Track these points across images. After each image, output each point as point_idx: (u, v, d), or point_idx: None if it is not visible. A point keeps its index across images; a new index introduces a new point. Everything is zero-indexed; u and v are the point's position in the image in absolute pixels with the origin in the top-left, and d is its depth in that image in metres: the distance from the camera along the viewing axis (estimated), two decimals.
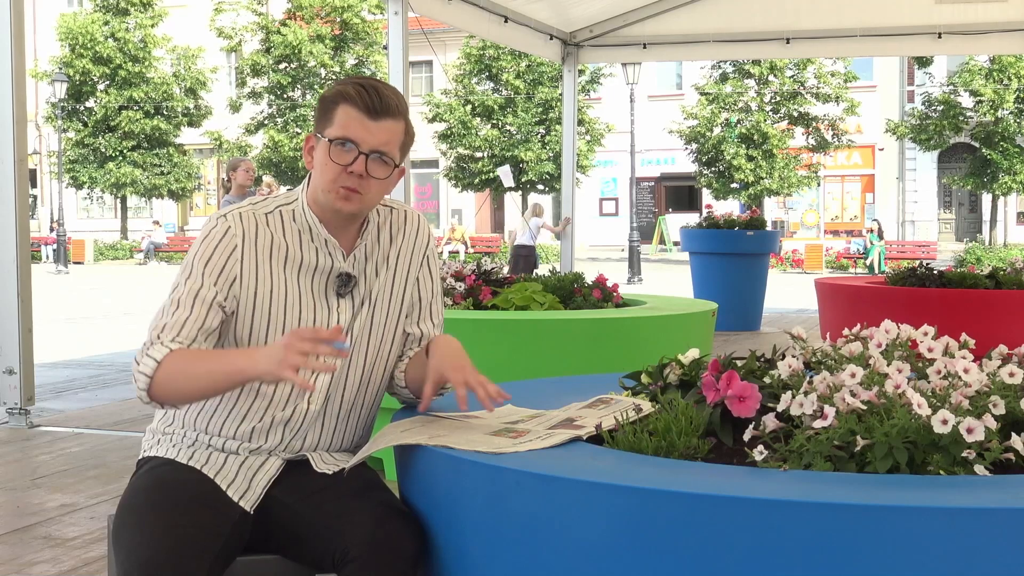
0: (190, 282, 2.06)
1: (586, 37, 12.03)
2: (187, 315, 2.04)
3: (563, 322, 4.45)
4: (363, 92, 2.03)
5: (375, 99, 2.03)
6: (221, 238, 2.09)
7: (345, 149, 2.03)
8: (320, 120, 2.08)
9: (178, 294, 2.06)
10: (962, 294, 6.98)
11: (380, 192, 2.10)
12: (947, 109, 30.40)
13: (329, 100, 2.07)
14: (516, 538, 1.68)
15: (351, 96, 2.03)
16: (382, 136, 2.04)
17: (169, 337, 2.02)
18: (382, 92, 2.04)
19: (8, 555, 3.65)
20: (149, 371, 2.00)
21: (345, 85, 2.06)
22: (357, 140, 2.03)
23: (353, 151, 2.03)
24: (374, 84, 2.05)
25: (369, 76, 2.10)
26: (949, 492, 1.50)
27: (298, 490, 2.10)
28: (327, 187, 2.06)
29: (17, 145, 5.81)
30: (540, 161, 31.30)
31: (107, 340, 11.17)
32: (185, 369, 2.00)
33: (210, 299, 2.05)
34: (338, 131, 2.04)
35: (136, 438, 5.16)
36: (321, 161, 2.06)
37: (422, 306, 2.27)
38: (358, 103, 2.03)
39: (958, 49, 14.77)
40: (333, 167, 2.04)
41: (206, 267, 2.07)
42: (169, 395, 2.02)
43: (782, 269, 26.86)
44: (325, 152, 2.05)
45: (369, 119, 2.03)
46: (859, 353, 1.94)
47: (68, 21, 34.44)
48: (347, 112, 2.03)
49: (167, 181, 35.04)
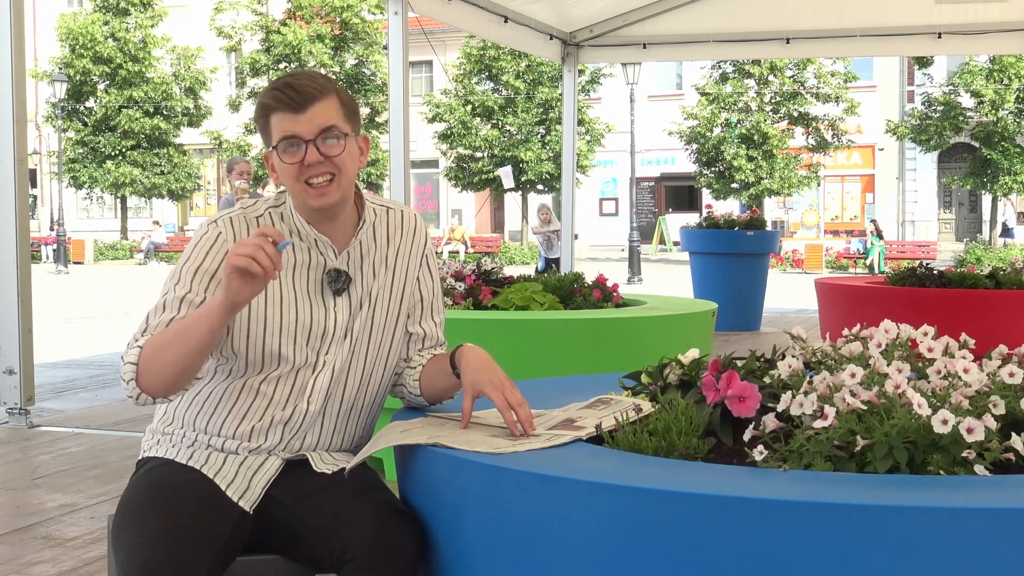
0: (178, 287, 2.07)
1: (586, 37, 12.03)
2: (172, 315, 2.05)
3: (563, 322, 4.45)
4: (279, 95, 2.05)
5: (292, 94, 2.04)
6: (212, 244, 2.09)
7: (291, 148, 2.05)
8: (264, 136, 2.11)
9: (165, 298, 2.07)
10: (962, 294, 6.98)
11: (352, 168, 2.10)
12: (947, 109, 30.41)
13: (260, 116, 2.09)
14: (516, 538, 1.68)
15: (271, 104, 2.06)
16: (317, 119, 2.05)
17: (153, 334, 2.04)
18: (296, 85, 2.05)
19: (8, 555, 3.65)
20: (134, 359, 2.00)
21: (264, 96, 2.08)
22: (296, 135, 2.04)
23: (298, 145, 2.04)
24: (287, 81, 2.07)
25: (285, 75, 2.10)
26: (949, 492, 1.50)
27: (298, 490, 2.10)
28: (297, 189, 2.08)
29: (17, 145, 5.81)
30: (540, 161, 31.30)
31: (107, 340, 11.17)
32: (162, 339, 1.99)
33: (197, 302, 2.05)
34: (278, 137, 2.06)
35: (136, 438, 5.16)
36: (279, 169, 2.08)
37: (423, 306, 2.27)
38: (279, 107, 2.05)
39: (958, 49, 14.78)
40: (290, 168, 2.06)
41: (195, 273, 2.07)
42: (154, 377, 1.98)
43: (782, 269, 26.86)
44: (278, 160, 2.07)
45: (297, 114, 2.04)
46: (859, 353, 1.93)
47: (68, 21, 34.44)
48: (277, 118, 2.05)
49: (167, 181, 35.05)
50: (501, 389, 2.00)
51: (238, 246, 1.88)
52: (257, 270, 1.86)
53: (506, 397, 1.98)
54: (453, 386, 2.14)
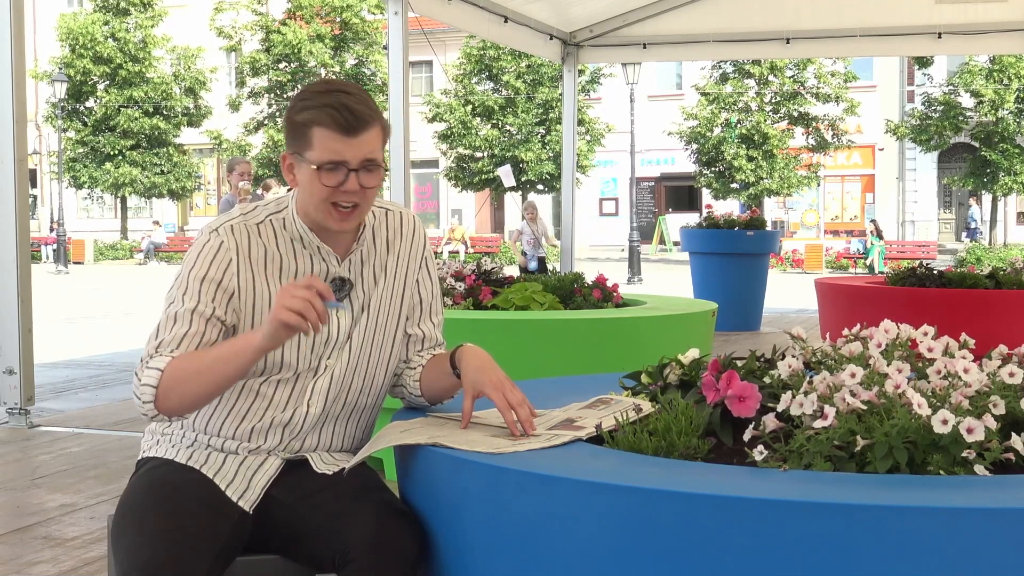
0: (187, 298, 2.05)
1: (586, 37, 12.03)
2: (186, 329, 2.03)
3: (563, 322, 4.45)
4: (335, 113, 1.98)
5: (349, 117, 1.99)
6: (215, 253, 2.07)
7: (333, 171, 2.01)
8: (295, 141, 2.03)
9: (175, 309, 2.05)
10: (962, 294, 6.98)
11: (374, 195, 2.09)
12: (947, 109, 30.40)
13: (302, 124, 2.01)
14: (516, 538, 1.68)
15: (324, 121, 1.99)
16: (364, 148, 2.01)
17: (168, 350, 2.02)
18: (353, 108, 1.99)
19: (8, 555, 3.65)
20: (154, 381, 1.98)
21: (314, 108, 2.00)
22: (342, 160, 2.00)
23: (342, 171, 2.01)
24: (343, 101, 1.99)
25: (334, 86, 2.03)
26: (949, 492, 1.50)
27: (298, 490, 2.10)
28: (321, 208, 2.04)
29: (17, 145, 5.81)
30: (540, 161, 31.29)
31: (107, 340, 11.17)
32: (190, 366, 1.98)
33: (208, 314, 2.04)
34: (321, 155, 2.00)
35: (136, 438, 5.16)
36: (308, 182, 2.03)
37: (423, 307, 2.27)
38: (332, 126, 1.99)
39: (958, 49, 14.78)
40: (324, 189, 2.02)
41: (203, 283, 2.05)
42: (177, 401, 2.00)
43: (782, 269, 26.86)
44: (312, 175, 2.02)
45: (348, 137, 1.99)
46: (859, 353, 1.93)
47: (68, 21, 34.43)
48: (324, 135, 1.99)
49: (167, 181, 35.04)
50: (501, 389, 1.99)
51: (288, 298, 1.87)
52: (305, 328, 1.88)
53: (506, 397, 1.98)
54: (453, 386, 2.14)
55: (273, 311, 1.89)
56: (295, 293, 1.87)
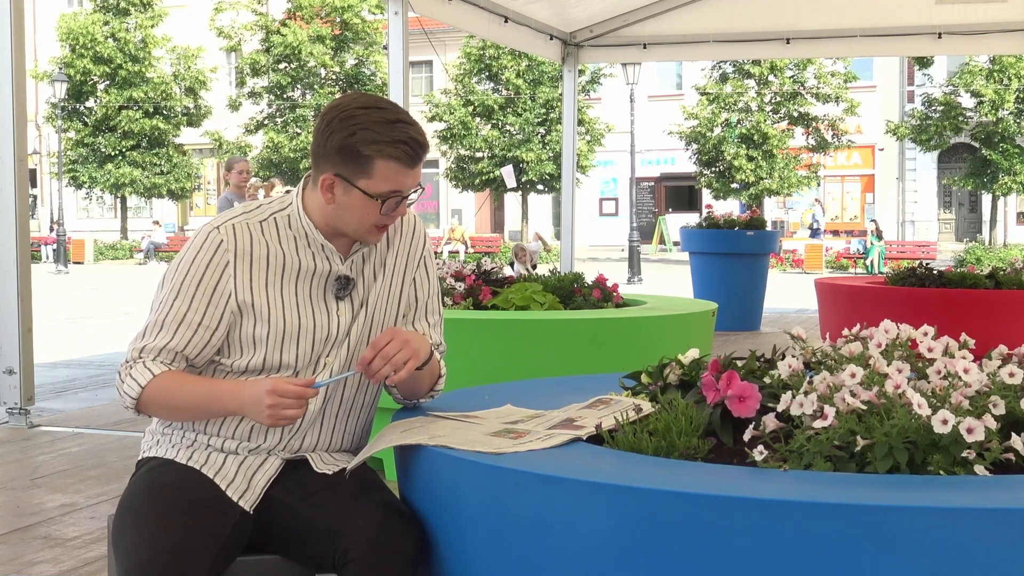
0: (177, 303, 2.07)
1: (586, 37, 12.02)
2: (168, 340, 2.07)
3: (563, 322, 4.45)
4: (407, 149, 2.00)
5: (418, 151, 2.03)
6: (213, 255, 2.08)
7: (392, 199, 2.05)
8: (348, 166, 2.01)
9: (162, 314, 2.08)
10: (962, 294, 6.98)
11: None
12: (947, 109, 30.40)
13: (363, 155, 2.00)
14: (516, 538, 1.68)
15: (394, 155, 2.00)
16: (417, 179, 2.08)
17: (151, 358, 2.07)
18: (420, 140, 2.03)
19: (8, 555, 3.65)
20: (134, 393, 2.06)
21: (383, 143, 1.99)
22: (404, 192, 2.06)
23: (398, 197, 2.06)
24: (411, 135, 2.01)
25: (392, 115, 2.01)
26: (949, 492, 1.50)
27: (298, 490, 2.10)
28: (364, 227, 2.08)
29: (17, 145, 5.81)
30: (540, 161, 31.29)
31: (107, 340, 11.17)
32: (170, 398, 2.07)
33: (195, 323, 2.07)
34: (383, 186, 2.02)
35: (136, 438, 5.16)
36: (357, 207, 2.05)
37: (418, 306, 2.28)
38: (401, 158, 2.01)
39: (958, 49, 14.77)
40: (377, 216, 2.06)
41: (197, 290, 2.07)
42: (157, 412, 2.13)
43: (782, 269, 26.83)
44: (364, 202, 2.03)
45: (410, 169, 2.04)
46: (859, 353, 1.93)
47: (68, 21, 34.43)
48: (390, 167, 2.01)
49: (167, 181, 35.03)
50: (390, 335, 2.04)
51: (284, 404, 1.95)
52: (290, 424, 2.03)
53: (385, 346, 2.02)
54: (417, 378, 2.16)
55: (265, 414, 1.97)
56: (288, 406, 1.96)
